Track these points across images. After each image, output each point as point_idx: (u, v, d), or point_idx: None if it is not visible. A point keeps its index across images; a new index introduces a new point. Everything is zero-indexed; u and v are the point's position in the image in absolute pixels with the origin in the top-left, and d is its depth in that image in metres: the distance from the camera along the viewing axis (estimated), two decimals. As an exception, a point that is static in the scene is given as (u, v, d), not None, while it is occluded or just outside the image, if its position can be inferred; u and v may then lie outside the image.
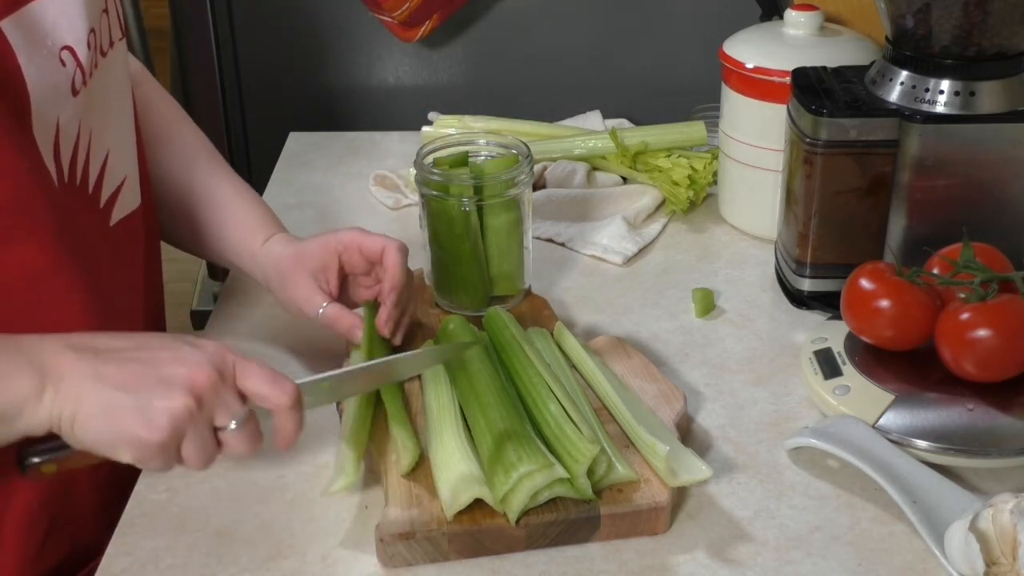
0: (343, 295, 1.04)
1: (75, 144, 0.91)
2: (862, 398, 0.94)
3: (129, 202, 1.01)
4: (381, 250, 1.01)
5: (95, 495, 0.94)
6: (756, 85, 1.22)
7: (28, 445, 0.77)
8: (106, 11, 0.94)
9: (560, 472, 0.84)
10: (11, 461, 0.90)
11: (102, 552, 0.86)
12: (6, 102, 0.82)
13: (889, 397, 0.93)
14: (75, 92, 0.89)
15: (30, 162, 0.85)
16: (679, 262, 1.25)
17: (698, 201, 1.34)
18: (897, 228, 1.08)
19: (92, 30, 0.90)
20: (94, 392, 0.75)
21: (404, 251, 1.02)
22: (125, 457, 0.76)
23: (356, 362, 0.98)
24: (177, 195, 1.10)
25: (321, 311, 1.01)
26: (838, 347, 1.00)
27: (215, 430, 0.78)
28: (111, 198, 0.98)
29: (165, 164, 1.09)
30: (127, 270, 1.02)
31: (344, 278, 1.04)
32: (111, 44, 0.96)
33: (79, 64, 0.89)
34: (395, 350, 1.03)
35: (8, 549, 0.92)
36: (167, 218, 1.10)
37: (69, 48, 0.88)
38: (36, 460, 0.77)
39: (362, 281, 1.04)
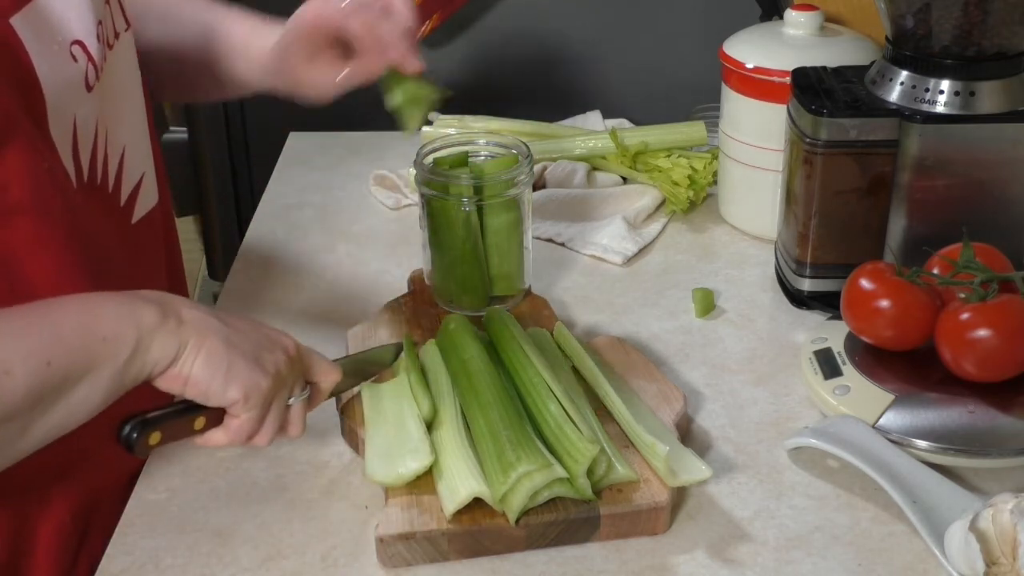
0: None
1: (94, 142, 0.89)
2: (862, 398, 0.94)
3: (149, 199, 1.00)
4: (343, 24, 1.00)
5: (124, 504, 0.93)
6: (756, 85, 1.21)
7: (121, 427, 0.78)
8: (108, 2, 0.92)
9: (559, 472, 0.84)
10: (46, 476, 0.90)
11: None
12: (21, 101, 0.81)
13: (889, 397, 0.93)
14: (89, 88, 0.87)
15: (48, 163, 0.84)
16: (679, 262, 1.25)
17: (698, 201, 1.34)
18: (897, 228, 1.08)
19: (100, 22, 0.89)
20: (219, 327, 0.79)
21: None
22: (233, 395, 0.79)
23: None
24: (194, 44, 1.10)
25: (340, 78, 1.03)
26: (838, 347, 1.00)
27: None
28: (131, 195, 0.97)
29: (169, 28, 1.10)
30: (149, 269, 1.01)
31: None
32: (116, 36, 0.94)
33: (90, 58, 0.87)
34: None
35: (42, 565, 0.92)
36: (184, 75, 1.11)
37: (79, 42, 0.86)
38: (136, 434, 0.78)
39: None
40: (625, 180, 1.39)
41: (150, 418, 0.78)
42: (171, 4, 1.11)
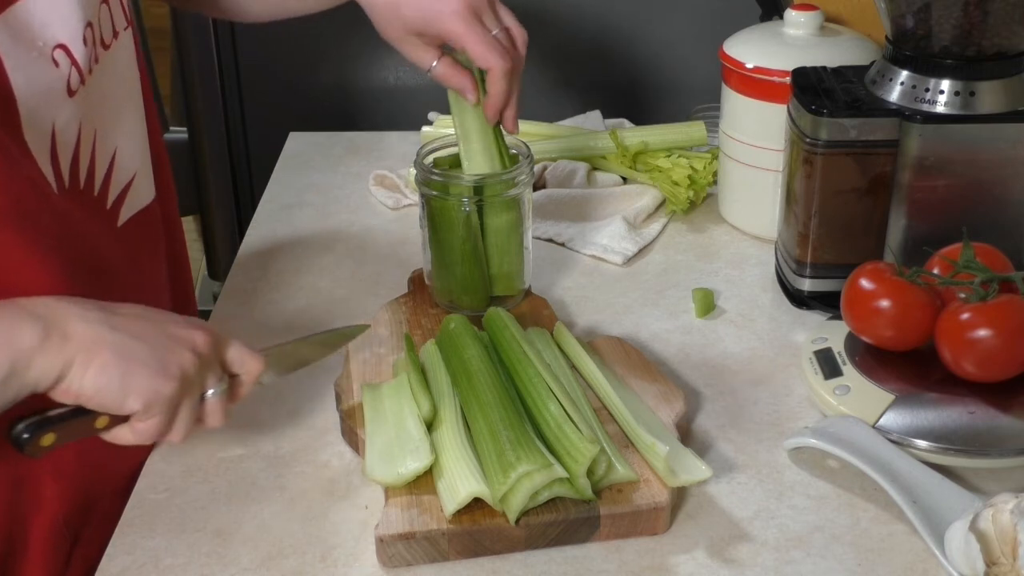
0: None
1: (76, 147, 0.88)
2: (862, 398, 0.94)
3: (140, 198, 0.99)
4: (480, 59, 1.00)
5: (119, 504, 0.93)
6: (756, 85, 1.21)
7: (15, 423, 0.76)
8: (106, 1, 0.91)
9: (559, 472, 0.84)
10: (39, 476, 0.89)
11: None
12: None
13: (889, 397, 0.93)
14: (71, 93, 0.86)
15: (26, 171, 0.82)
16: (679, 262, 1.25)
17: (698, 201, 1.34)
18: (897, 228, 1.08)
19: (89, 24, 0.87)
20: (111, 338, 0.75)
21: (509, 70, 1.01)
22: (132, 406, 0.76)
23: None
24: None
25: (432, 67, 1.03)
26: (838, 347, 1.00)
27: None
28: (119, 197, 0.95)
29: None
30: (147, 268, 1.00)
31: None
32: (115, 35, 0.92)
33: (75, 63, 0.86)
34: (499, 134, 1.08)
35: (35, 565, 0.92)
36: None
37: (63, 47, 0.85)
38: (27, 435, 0.75)
39: None
40: (625, 180, 1.39)
41: (48, 417, 0.76)
42: None
